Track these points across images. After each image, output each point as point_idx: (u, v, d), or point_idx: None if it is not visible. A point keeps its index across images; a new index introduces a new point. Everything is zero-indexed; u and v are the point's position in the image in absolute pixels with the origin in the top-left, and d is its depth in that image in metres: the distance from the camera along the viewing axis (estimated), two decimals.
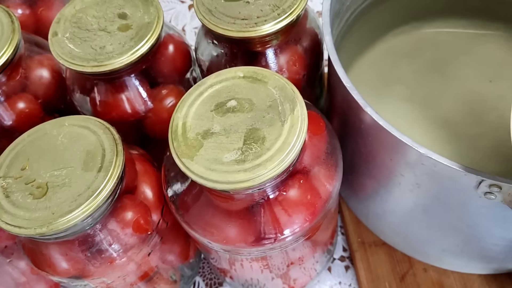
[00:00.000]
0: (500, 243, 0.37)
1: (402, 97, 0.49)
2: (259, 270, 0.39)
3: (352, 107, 0.34)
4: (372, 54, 0.52)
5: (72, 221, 0.29)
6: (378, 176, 0.38)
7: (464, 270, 0.43)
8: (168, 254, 0.40)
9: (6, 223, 0.29)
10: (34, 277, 0.39)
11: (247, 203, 0.32)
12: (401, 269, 0.44)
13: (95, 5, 0.39)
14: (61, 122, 0.33)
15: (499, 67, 0.49)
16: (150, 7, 0.38)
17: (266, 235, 0.32)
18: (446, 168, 0.29)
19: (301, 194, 0.32)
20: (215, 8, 0.37)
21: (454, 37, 0.52)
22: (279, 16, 0.36)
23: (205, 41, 0.41)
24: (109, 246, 0.32)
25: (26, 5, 0.49)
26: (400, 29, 0.53)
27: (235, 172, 0.28)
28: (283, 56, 0.39)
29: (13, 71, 0.39)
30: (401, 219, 0.41)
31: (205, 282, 0.48)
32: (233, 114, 0.31)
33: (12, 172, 0.31)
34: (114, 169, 0.31)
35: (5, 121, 0.40)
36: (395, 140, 0.31)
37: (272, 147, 0.29)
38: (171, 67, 0.41)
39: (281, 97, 0.31)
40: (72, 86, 0.41)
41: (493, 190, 0.29)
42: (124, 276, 0.35)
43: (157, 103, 0.40)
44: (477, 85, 0.49)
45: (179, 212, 0.34)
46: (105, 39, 0.37)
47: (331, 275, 0.47)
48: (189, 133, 0.30)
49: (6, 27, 0.38)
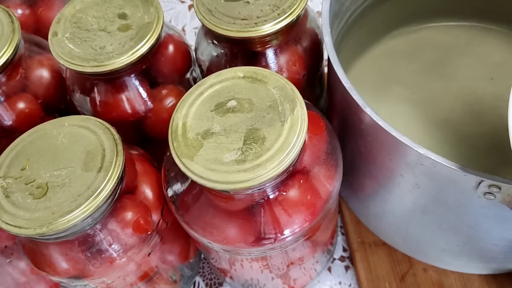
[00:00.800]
0: (499, 243, 0.37)
1: (402, 97, 0.49)
2: (259, 270, 0.39)
3: (352, 107, 0.34)
4: (372, 54, 0.52)
5: (72, 221, 0.29)
6: (378, 176, 0.38)
7: (464, 270, 0.43)
8: (168, 254, 0.40)
9: (6, 223, 0.29)
10: (34, 277, 0.39)
11: (247, 203, 0.32)
12: (401, 269, 0.44)
13: (95, 5, 0.39)
14: (61, 122, 0.33)
15: (499, 67, 0.50)
16: (150, 7, 0.38)
17: (266, 235, 0.32)
18: (446, 168, 0.29)
19: (301, 194, 0.32)
20: (215, 8, 0.37)
21: (454, 37, 0.52)
22: (279, 16, 0.36)
23: (205, 41, 0.41)
24: (109, 246, 0.32)
25: (26, 5, 0.49)
26: (400, 29, 0.53)
27: (235, 172, 0.28)
28: (283, 56, 0.39)
29: (13, 71, 0.39)
30: (401, 219, 0.41)
31: (205, 282, 0.48)
32: (233, 114, 0.31)
33: (12, 172, 0.31)
34: (114, 169, 0.31)
35: (5, 121, 0.40)
36: (395, 140, 0.31)
37: (272, 147, 0.29)
38: (171, 67, 0.41)
39: (281, 97, 0.31)
40: (72, 86, 0.41)
41: (493, 190, 0.29)
42: (124, 276, 0.35)
43: (157, 103, 0.40)
44: (477, 85, 0.49)
45: (179, 212, 0.34)
46: (105, 39, 0.37)
47: (331, 275, 0.47)
48: (189, 133, 0.30)
49: (6, 27, 0.38)
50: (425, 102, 0.48)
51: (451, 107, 0.47)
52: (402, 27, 0.53)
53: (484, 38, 0.51)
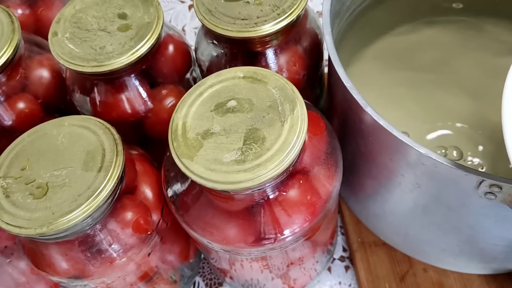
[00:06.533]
0: (500, 243, 0.37)
1: (402, 97, 0.49)
2: (259, 270, 0.39)
3: (352, 107, 0.34)
4: (372, 54, 0.52)
5: (72, 221, 0.29)
6: (378, 176, 0.38)
7: (464, 270, 0.43)
8: (168, 254, 0.40)
9: (6, 223, 0.29)
10: (34, 277, 0.39)
11: (247, 203, 0.32)
12: (401, 269, 0.44)
13: (95, 5, 0.39)
14: (61, 122, 0.33)
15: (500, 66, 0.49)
16: (150, 7, 0.38)
17: (266, 235, 0.32)
18: (447, 168, 0.29)
19: (301, 194, 0.32)
20: (215, 8, 0.37)
21: (455, 35, 0.52)
22: (279, 16, 0.36)
23: (205, 41, 0.41)
24: (109, 246, 0.32)
25: (26, 5, 0.49)
26: (400, 28, 0.53)
27: (235, 172, 0.28)
28: (283, 56, 0.39)
29: (13, 71, 0.39)
30: (401, 219, 0.41)
31: (205, 282, 0.48)
32: (233, 114, 0.31)
33: (12, 172, 0.31)
34: (114, 169, 0.31)
35: (5, 121, 0.40)
36: (395, 140, 0.31)
37: (272, 147, 0.29)
38: (171, 67, 0.41)
39: (281, 97, 0.31)
40: (72, 86, 0.41)
41: (494, 190, 0.29)
42: (124, 276, 0.35)
43: (157, 103, 0.40)
44: (478, 84, 0.49)
45: (179, 212, 0.34)
46: (105, 39, 0.37)
47: (331, 275, 0.47)
48: (189, 133, 0.30)
49: (6, 27, 0.38)
50: (425, 102, 0.48)
51: (452, 107, 0.47)
52: (402, 26, 0.53)
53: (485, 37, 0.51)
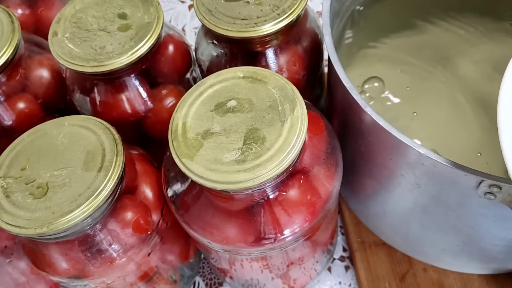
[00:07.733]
0: (500, 243, 0.37)
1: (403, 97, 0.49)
2: (259, 270, 0.39)
3: (352, 107, 0.34)
4: (373, 53, 0.52)
5: (72, 221, 0.29)
6: (378, 176, 0.38)
7: (464, 270, 0.43)
8: (168, 254, 0.40)
9: (6, 223, 0.29)
10: (34, 277, 0.39)
11: (247, 203, 0.32)
12: (401, 269, 0.44)
13: (95, 5, 0.39)
14: (61, 122, 0.33)
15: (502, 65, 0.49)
16: (150, 7, 0.38)
17: (266, 235, 0.32)
18: (446, 168, 0.29)
19: (301, 194, 0.32)
20: (215, 8, 0.37)
21: (456, 36, 0.52)
22: (279, 16, 0.36)
23: (205, 41, 0.41)
24: (109, 246, 0.32)
25: (26, 5, 0.49)
26: (401, 28, 0.53)
27: (235, 172, 0.28)
28: (283, 56, 0.39)
29: (13, 71, 0.39)
30: (401, 219, 0.41)
31: (205, 282, 0.48)
32: (233, 114, 0.31)
33: (12, 172, 0.31)
34: (114, 169, 0.31)
35: (5, 121, 0.40)
36: (395, 140, 0.31)
37: (272, 147, 0.29)
38: (171, 67, 0.41)
39: (281, 97, 0.31)
40: (72, 86, 0.41)
41: (493, 190, 0.29)
42: (124, 276, 0.35)
43: (157, 103, 0.40)
44: (480, 84, 0.49)
45: (179, 212, 0.34)
46: (105, 39, 0.37)
47: (331, 275, 0.47)
48: (189, 133, 0.30)
49: (6, 27, 0.38)
50: (427, 101, 0.48)
51: (454, 106, 0.47)
52: (403, 26, 0.53)
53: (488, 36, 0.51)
